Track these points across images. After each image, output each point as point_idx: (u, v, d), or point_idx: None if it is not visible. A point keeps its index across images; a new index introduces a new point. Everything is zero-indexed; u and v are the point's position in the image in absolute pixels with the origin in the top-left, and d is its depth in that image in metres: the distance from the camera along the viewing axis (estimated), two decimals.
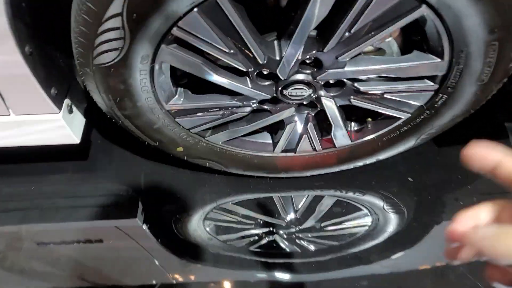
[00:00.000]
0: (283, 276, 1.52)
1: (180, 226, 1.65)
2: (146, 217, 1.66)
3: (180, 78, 1.23)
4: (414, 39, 1.12)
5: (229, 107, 1.25)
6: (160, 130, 1.30)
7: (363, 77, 1.19)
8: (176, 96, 1.21)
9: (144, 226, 1.66)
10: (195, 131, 1.34)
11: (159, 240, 1.65)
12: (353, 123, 1.43)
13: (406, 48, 1.14)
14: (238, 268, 1.57)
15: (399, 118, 1.33)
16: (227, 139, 1.39)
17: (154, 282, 1.57)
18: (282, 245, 1.65)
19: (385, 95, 1.20)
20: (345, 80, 1.16)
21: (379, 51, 1.15)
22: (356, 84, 1.18)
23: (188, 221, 1.66)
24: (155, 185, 1.69)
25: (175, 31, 0.96)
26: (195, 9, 0.92)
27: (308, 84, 1.14)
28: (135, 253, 1.73)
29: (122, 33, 0.95)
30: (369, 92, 1.19)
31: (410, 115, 1.30)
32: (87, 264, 1.81)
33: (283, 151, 1.47)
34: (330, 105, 1.25)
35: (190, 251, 1.65)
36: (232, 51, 1.03)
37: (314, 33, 1.06)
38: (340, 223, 1.69)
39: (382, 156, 1.49)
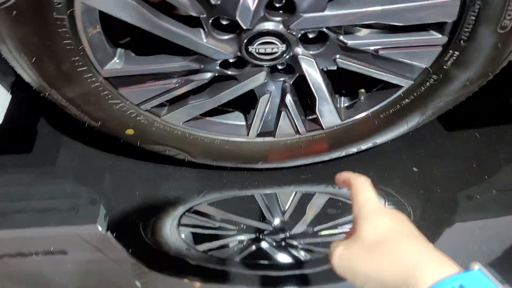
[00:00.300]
0: None
1: (151, 234, 1.38)
2: (111, 223, 1.39)
3: (120, 36, 0.98)
4: None
5: (183, 73, 0.99)
6: (101, 104, 1.04)
7: (351, 27, 0.93)
8: (115, 59, 0.95)
9: (109, 234, 1.39)
10: (146, 107, 1.08)
11: (129, 251, 1.38)
12: (342, 98, 1.17)
13: None
14: (224, 283, 1.32)
15: (399, 87, 1.07)
16: (188, 118, 1.13)
17: None
18: (271, 254, 1.38)
19: (380, 53, 0.94)
20: (327, 31, 0.90)
21: None
22: (341, 37, 0.92)
23: (160, 228, 1.39)
24: (120, 184, 1.42)
25: None
26: None
27: (279, 36, 0.88)
28: (105, 266, 1.46)
29: None
30: (359, 48, 0.93)
31: (412, 81, 1.04)
32: (53, 280, 1.55)
33: (259, 135, 1.21)
34: (310, 69, 0.99)
35: (167, 263, 1.39)
36: None
37: None
38: (336, 226, 1.42)
39: (380, 139, 1.22)
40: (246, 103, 1.21)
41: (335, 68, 1.02)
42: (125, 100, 1.05)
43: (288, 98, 1.08)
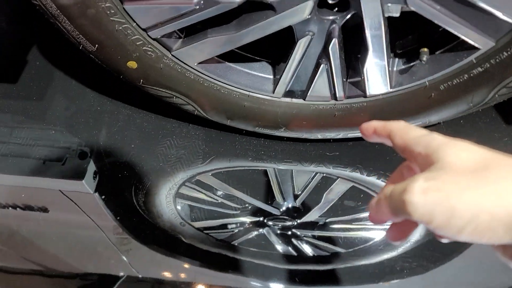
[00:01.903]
0: (267, 284, 1.07)
1: (144, 201, 1.18)
2: (101, 182, 1.19)
3: None
4: None
5: None
6: (100, 21, 0.83)
7: None
8: None
9: (96, 195, 1.20)
10: (155, 34, 0.87)
11: (118, 218, 1.19)
12: (396, 60, 0.95)
13: None
14: (216, 268, 1.16)
15: (473, 50, 0.85)
16: (205, 57, 0.92)
17: (121, 273, 1.12)
18: (273, 242, 1.18)
19: None
20: None
21: None
22: None
23: (155, 195, 1.19)
24: (116, 136, 1.22)
25: None
26: None
27: None
28: (91, 231, 1.28)
29: None
30: None
31: (494, 43, 0.81)
32: (32, 240, 1.37)
33: (287, 94, 1.00)
34: (371, 6, 0.77)
35: (157, 237, 1.20)
36: None
37: None
38: (351, 221, 1.21)
39: (434, 117, 1.00)
40: (277, 52, 1.00)
41: (398, 13, 0.80)
42: (130, 20, 0.84)
43: (334, 45, 0.86)
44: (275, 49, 1.02)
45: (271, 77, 1.00)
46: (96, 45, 0.88)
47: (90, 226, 1.26)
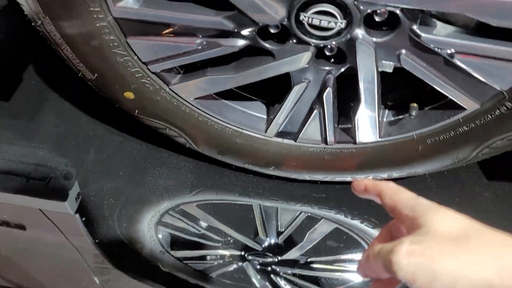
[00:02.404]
0: None
1: (126, 226, 1.18)
2: (83, 204, 1.19)
3: None
4: None
5: (211, 32, 0.80)
6: (102, 52, 0.84)
7: (427, 17, 0.75)
8: None
9: (77, 217, 1.19)
10: (155, 68, 0.89)
11: (96, 241, 1.17)
12: (386, 111, 0.98)
13: None
14: None
15: (460, 110, 0.88)
16: (202, 94, 0.94)
17: None
18: (252, 278, 1.19)
19: (456, 58, 0.76)
20: (400, 14, 0.72)
21: None
22: (415, 27, 0.74)
23: (137, 221, 1.19)
24: (104, 160, 1.22)
25: None
26: None
27: (342, 8, 0.70)
28: (65, 253, 1.26)
29: None
30: (433, 45, 0.75)
31: (479, 106, 0.85)
32: (6, 256, 1.34)
33: (279, 134, 1.02)
34: (366, 61, 0.80)
35: (135, 264, 1.19)
36: None
37: None
38: (332, 262, 1.22)
39: (419, 169, 1.03)
40: (273, 93, 1.02)
41: (391, 69, 0.84)
42: (132, 54, 0.86)
43: (328, 94, 0.89)
44: (270, 90, 1.04)
45: (265, 116, 1.02)
46: (96, 74, 0.90)
47: (67, 247, 1.25)
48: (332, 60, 0.85)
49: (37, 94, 1.29)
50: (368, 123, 0.94)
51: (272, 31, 0.81)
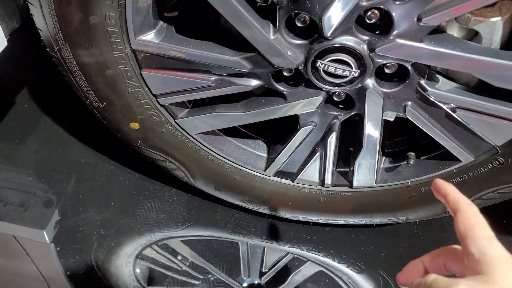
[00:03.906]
0: None
1: (103, 260, 1.14)
2: (60, 234, 1.15)
3: (168, 8, 0.81)
4: None
5: (227, 71, 0.82)
6: (115, 82, 0.85)
7: (432, 73, 0.80)
8: (154, 31, 0.78)
9: (52, 247, 1.14)
10: (164, 101, 0.89)
11: (68, 273, 1.13)
12: (383, 158, 1.01)
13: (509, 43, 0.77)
14: None
15: (455, 162, 0.93)
16: (208, 129, 0.95)
17: None
18: None
19: (458, 113, 0.81)
20: (410, 69, 0.77)
21: (474, 38, 0.78)
22: (423, 82, 0.78)
23: (116, 255, 1.15)
24: (89, 188, 1.19)
25: None
26: None
27: (358, 58, 0.74)
28: (35, 283, 1.20)
29: None
30: (438, 99, 0.80)
31: (473, 159, 0.90)
32: None
33: (277, 173, 1.03)
34: (373, 109, 0.84)
35: None
36: None
37: None
38: None
39: (413, 215, 1.06)
40: (273, 132, 1.05)
41: (393, 118, 0.88)
42: (144, 85, 0.86)
43: (332, 139, 0.92)
44: (271, 129, 1.07)
45: (265, 155, 1.04)
46: (104, 103, 0.90)
47: (36, 277, 1.19)
48: (340, 105, 0.89)
49: (30, 118, 1.26)
50: (366, 169, 0.97)
51: (285, 73, 0.84)
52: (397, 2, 0.66)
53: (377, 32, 0.72)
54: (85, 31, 0.75)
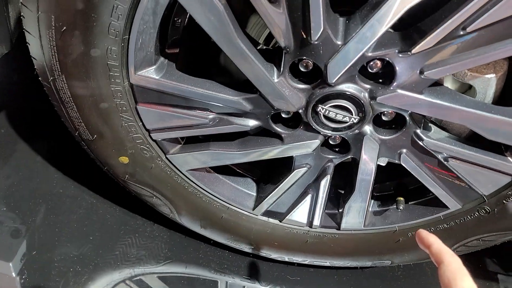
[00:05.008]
0: None
1: None
2: (27, 266, 1.08)
3: (170, 45, 0.80)
4: None
5: (226, 110, 0.81)
6: (108, 115, 0.82)
7: (427, 123, 0.82)
8: (155, 66, 0.77)
9: (17, 280, 1.08)
10: (157, 136, 0.87)
11: None
12: (372, 201, 1.02)
13: (502, 99, 0.80)
14: None
15: (443, 209, 0.94)
16: (199, 166, 0.93)
17: None
18: None
19: (450, 162, 0.83)
20: (408, 118, 0.78)
21: (466, 91, 0.80)
22: (419, 131, 0.80)
23: None
24: (75, 226, 1.13)
25: None
26: None
27: (359, 105, 0.75)
28: None
29: None
30: (433, 149, 0.82)
31: (460, 206, 0.92)
32: None
33: (266, 213, 1.02)
34: (368, 155, 0.85)
35: None
36: (276, 2, 0.64)
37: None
38: None
39: (398, 259, 1.07)
40: (264, 171, 1.04)
41: (385, 163, 0.89)
42: (138, 120, 0.84)
43: (325, 181, 0.92)
44: (260, 167, 1.06)
45: (254, 194, 1.03)
46: (95, 136, 0.87)
47: None
48: (336, 149, 0.89)
49: (6, 144, 1.20)
50: (356, 212, 0.97)
51: (284, 115, 0.84)
52: (401, 55, 0.68)
53: (379, 81, 0.74)
54: (84, 63, 0.73)
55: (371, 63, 0.71)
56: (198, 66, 0.84)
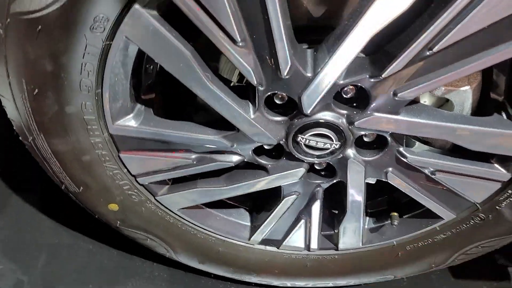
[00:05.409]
0: None
1: None
2: None
3: (145, 91, 0.81)
4: (494, 98, 0.78)
5: (208, 149, 0.81)
6: (92, 166, 0.82)
7: (408, 139, 0.82)
8: (132, 115, 0.77)
9: None
10: (144, 180, 0.87)
11: None
12: (367, 218, 1.02)
13: (480, 109, 0.80)
14: None
15: (437, 219, 0.94)
16: (189, 204, 0.93)
17: None
18: None
19: (437, 175, 0.83)
20: (389, 138, 0.78)
21: (444, 104, 0.81)
22: (402, 149, 0.80)
23: None
24: (73, 276, 1.12)
25: None
26: None
27: (338, 131, 0.75)
28: None
29: None
30: (418, 165, 0.81)
31: (455, 216, 0.92)
32: None
33: (262, 241, 1.02)
34: (355, 177, 0.84)
35: None
36: (242, 43, 0.64)
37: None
38: None
39: (400, 273, 1.06)
40: (256, 200, 1.04)
41: (374, 181, 0.89)
42: (122, 167, 0.84)
43: (316, 206, 0.92)
44: (253, 197, 1.05)
45: (248, 224, 1.02)
46: (81, 188, 0.87)
47: None
48: (322, 173, 0.89)
49: None
50: (352, 232, 0.97)
51: (266, 147, 0.84)
52: (372, 80, 0.68)
53: (355, 106, 0.74)
54: (61, 121, 0.74)
55: (345, 89, 0.72)
56: (176, 108, 0.84)
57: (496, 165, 0.82)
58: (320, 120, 0.74)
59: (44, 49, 0.64)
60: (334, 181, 0.89)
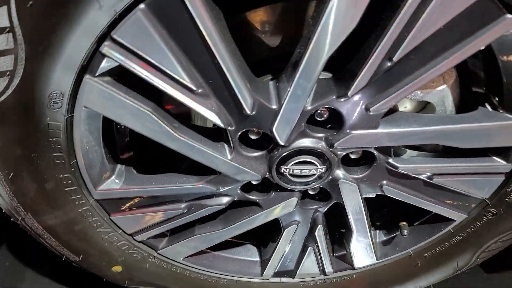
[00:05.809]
0: None
1: None
2: None
3: (122, 150, 0.80)
4: (476, 91, 0.75)
5: (195, 196, 0.80)
6: (86, 234, 0.82)
7: (397, 148, 0.79)
8: (113, 177, 0.77)
9: None
10: (141, 237, 0.87)
11: None
12: (378, 232, 0.98)
13: (464, 105, 0.77)
14: None
15: (450, 222, 0.90)
16: (191, 252, 0.92)
17: None
18: None
19: (434, 180, 0.79)
20: (375, 152, 0.76)
21: (426, 107, 0.77)
22: (391, 160, 0.77)
23: None
24: None
25: (106, 47, 0.57)
26: (141, 6, 0.55)
27: (319, 156, 0.73)
28: None
29: (12, 43, 0.55)
30: (411, 173, 0.78)
31: (466, 215, 0.87)
32: None
33: (276, 275, 0.99)
34: (351, 196, 0.82)
35: None
36: (200, 90, 0.63)
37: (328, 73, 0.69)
38: None
39: (423, 282, 1.01)
40: (261, 233, 1.01)
41: (374, 195, 0.86)
42: (116, 228, 0.84)
43: (319, 231, 0.89)
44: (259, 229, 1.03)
45: (258, 259, 1.00)
46: (81, 256, 0.86)
47: None
48: (317, 197, 0.87)
49: (4, 277, 1.20)
50: (363, 249, 0.93)
51: (254, 183, 0.82)
52: (341, 99, 0.66)
53: (331, 127, 0.72)
54: (43, 198, 0.74)
55: (317, 112, 0.70)
56: (159, 160, 0.83)
57: (495, 158, 0.78)
58: (299, 148, 0.72)
59: (9, 134, 0.64)
60: (331, 203, 0.86)
